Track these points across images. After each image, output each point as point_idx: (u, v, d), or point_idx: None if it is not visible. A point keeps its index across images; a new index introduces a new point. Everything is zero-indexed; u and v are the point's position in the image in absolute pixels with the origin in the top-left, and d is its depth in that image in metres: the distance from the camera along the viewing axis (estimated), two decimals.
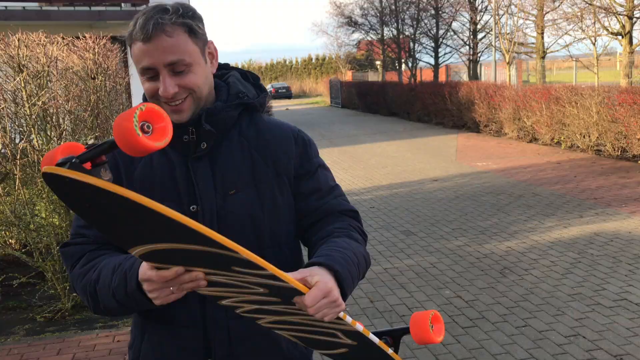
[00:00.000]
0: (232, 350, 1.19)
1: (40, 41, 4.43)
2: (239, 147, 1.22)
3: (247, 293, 1.00)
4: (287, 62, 48.31)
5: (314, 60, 46.80)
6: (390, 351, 1.13)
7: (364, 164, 9.79)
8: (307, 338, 1.13)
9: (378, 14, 25.28)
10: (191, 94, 1.14)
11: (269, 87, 37.40)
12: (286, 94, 36.48)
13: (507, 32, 17.40)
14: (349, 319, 1.04)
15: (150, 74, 1.12)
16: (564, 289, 3.96)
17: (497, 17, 17.43)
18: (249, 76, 1.33)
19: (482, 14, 21.96)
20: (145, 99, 1.21)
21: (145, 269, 1.01)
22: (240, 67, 1.36)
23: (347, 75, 32.12)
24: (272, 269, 0.93)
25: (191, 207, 1.17)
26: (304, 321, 1.05)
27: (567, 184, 7.33)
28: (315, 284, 0.99)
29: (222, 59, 1.29)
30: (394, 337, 1.16)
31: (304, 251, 1.30)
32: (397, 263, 4.68)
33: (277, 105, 23.86)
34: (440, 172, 8.61)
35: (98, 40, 4.84)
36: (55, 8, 9.86)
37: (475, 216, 5.99)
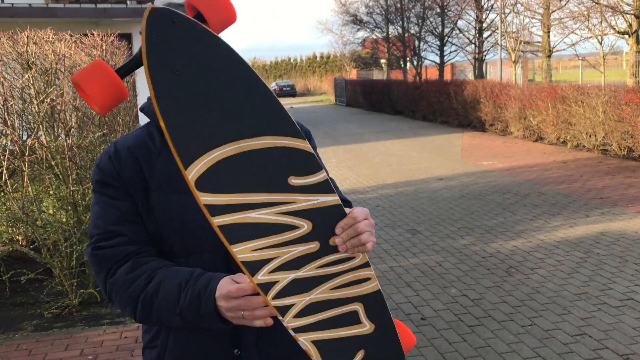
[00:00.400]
0: (260, 337, 1.21)
1: (48, 38, 4.47)
2: None
3: (291, 242, 1.02)
4: (292, 60, 48.31)
5: (318, 59, 46.79)
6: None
7: (369, 163, 9.80)
8: (327, 341, 1.11)
9: (383, 12, 25.25)
10: None
11: (273, 85, 37.39)
12: (290, 92, 36.48)
13: (513, 30, 17.35)
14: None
15: None
16: (570, 289, 3.97)
17: (503, 16, 17.39)
18: None
19: (488, 12, 21.90)
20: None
21: (224, 283, 1.03)
22: None
23: (352, 74, 32.10)
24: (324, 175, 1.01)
25: None
26: (332, 294, 1.06)
27: (573, 183, 7.32)
28: (353, 210, 1.08)
29: None
30: None
31: None
32: (403, 261, 4.69)
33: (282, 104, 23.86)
34: (446, 171, 8.62)
35: (106, 37, 4.87)
36: (61, 5, 9.91)
37: (481, 215, 5.99)
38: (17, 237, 4.40)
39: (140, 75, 5.75)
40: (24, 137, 4.31)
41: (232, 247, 0.99)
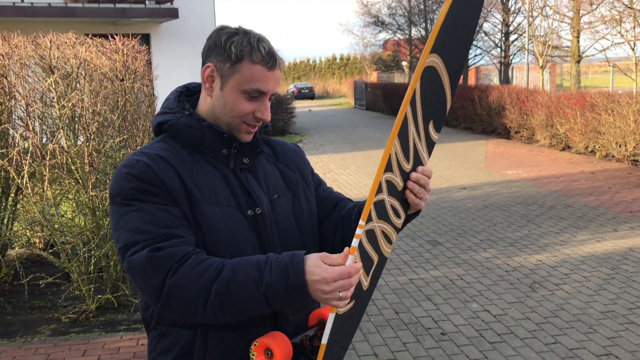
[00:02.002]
0: (295, 319, 1.29)
1: (70, 42, 4.61)
2: (265, 161, 1.41)
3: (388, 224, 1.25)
4: (311, 62, 48.55)
5: (338, 60, 46.94)
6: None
7: None
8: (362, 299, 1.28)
9: (406, 14, 25.28)
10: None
11: (291, 87, 37.61)
12: (309, 95, 36.65)
13: (541, 34, 17.22)
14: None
15: (255, 95, 1.26)
16: (596, 306, 3.95)
17: (530, 19, 17.28)
18: None
19: (514, 15, 21.80)
20: (183, 91, 1.36)
21: (319, 262, 1.09)
22: None
23: (372, 76, 32.15)
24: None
25: (249, 211, 1.28)
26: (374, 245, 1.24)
27: (602, 195, 7.26)
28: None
29: None
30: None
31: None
32: (423, 274, 4.72)
33: (300, 106, 23.99)
34: (469, 180, 8.61)
35: (127, 42, 5.00)
36: (80, 5, 10.15)
37: (505, 227, 5.99)
38: (35, 240, 4.53)
39: (158, 80, 5.86)
40: (44, 141, 4.45)
41: (377, 222, 1.19)
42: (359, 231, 1.14)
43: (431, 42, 1.14)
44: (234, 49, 1.24)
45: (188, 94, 1.39)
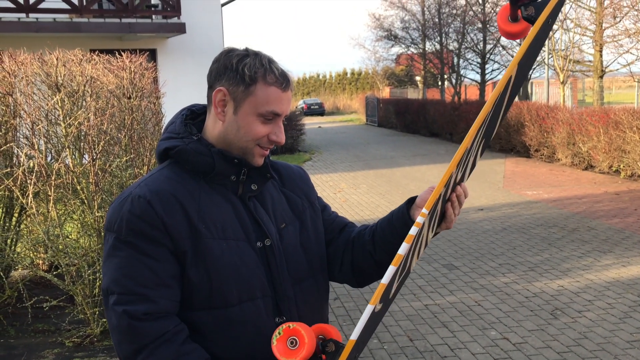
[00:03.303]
0: (299, 303, 1.35)
1: (77, 60, 4.75)
2: (271, 186, 1.43)
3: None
4: (321, 77, 48.94)
5: (349, 75, 47.28)
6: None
7: (402, 189, 9.87)
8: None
9: (420, 27, 25.51)
10: None
11: (300, 102, 37.90)
12: (319, 111, 36.90)
13: (562, 48, 17.30)
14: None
15: (270, 117, 1.30)
16: (621, 335, 3.95)
17: (550, 32, 17.40)
18: None
19: None
20: (188, 114, 1.38)
21: None
22: None
23: (385, 92, 32.35)
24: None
25: (258, 243, 1.32)
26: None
27: (627, 217, 7.25)
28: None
29: None
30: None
31: None
32: (439, 299, 4.74)
33: (309, 123, 24.15)
34: (486, 201, 8.63)
35: (134, 58, 5.14)
36: (85, 20, 10.40)
37: (525, 250, 6.00)
38: (39, 261, 4.62)
39: (167, 97, 5.99)
40: (49, 160, 4.57)
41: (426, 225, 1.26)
42: (420, 219, 1.22)
43: (522, 51, 1.22)
44: (247, 71, 1.26)
45: (192, 116, 1.39)
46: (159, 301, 1.20)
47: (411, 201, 1.44)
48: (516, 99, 20.32)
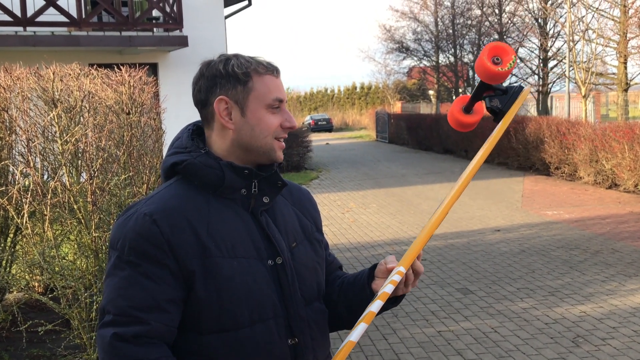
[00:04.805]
0: (310, 324, 1.39)
1: (74, 74, 4.86)
2: (282, 202, 1.45)
3: None
4: (329, 91, 49.26)
5: (358, 89, 47.58)
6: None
7: (414, 209, 9.89)
8: None
9: (433, 39, 25.72)
10: None
11: (307, 118, 38.14)
12: (326, 127, 37.10)
13: (584, 60, 17.36)
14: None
15: (277, 106, 1.36)
16: None
17: (571, 44, 17.46)
18: None
19: (553, 39, 22.05)
20: (194, 129, 1.42)
21: None
22: None
23: (396, 107, 32.52)
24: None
25: (269, 261, 1.34)
26: None
27: None
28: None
29: None
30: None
31: None
32: (453, 325, 4.74)
33: (316, 139, 24.30)
34: (504, 221, 8.63)
35: (134, 73, 5.25)
36: (84, 33, 10.60)
37: (544, 274, 5.99)
38: (34, 283, 4.68)
39: (168, 112, 6.08)
40: (45, 178, 4.65)
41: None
42: (397, 278, 1.29)
43: (491, 148, 1.46)
44: (238, 69, 1.32)
45: (199, 132, 1.42)
46: (152, 324, 1.22)
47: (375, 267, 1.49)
48: (535, 113, 20.26)
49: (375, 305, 1.26)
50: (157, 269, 1.24)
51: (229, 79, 1.32)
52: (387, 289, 1.27)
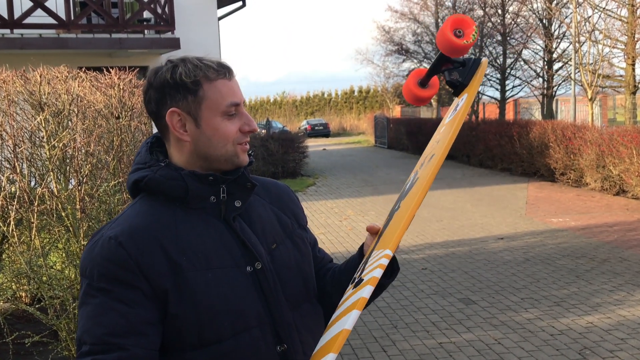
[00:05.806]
0: (299, 329, 1.40)
1: (62, 77, 4.89)
2: (259, 204, 1.45)
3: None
4: (326, 95, 49.36)
5: (356, 93, 47.70)
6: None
7: (415, 217, 9.89)
8: None
9: (434, 41, 25.81)
10: None
11: (304, 123, 38.20)
12: (323, 132, 37.15)
13: (590, 62, 17.44)
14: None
15: (232, 112, 1.33)
16: None
17: (577, 45, 17.55)
18: None
19: (559, 41, 22.14)
20: (153, 141, 1.41)
21: None
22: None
23: (395, 111, 32.63)
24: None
25: (247, 268, 1.34)
26: None
27: None
28: None
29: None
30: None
31: None
32: (455, 337, 4.76)
33: (313, 145, 24.33)
34: (507, 229, 8.66)
35: (123, 75, 5.28)
36: (73, 35, 10.64)
37: (549, 284, 6.02)
38: (21, 293, 4.69)
39: None
40: (32, 184, 4.67)
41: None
42: (384, 261, 1.30)
43: (457, 131, 1.50)
44: (186, 78, 1.29)
45: (159, 143, 1.40)
46: (130, 349, 1.21)
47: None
48: (540, 117, 20.31)
49: (367, 291, 1.23)
50: (129, 292, 1.24)
51: (178, 89, 1.30)
52: (375, 273, 1.25)
